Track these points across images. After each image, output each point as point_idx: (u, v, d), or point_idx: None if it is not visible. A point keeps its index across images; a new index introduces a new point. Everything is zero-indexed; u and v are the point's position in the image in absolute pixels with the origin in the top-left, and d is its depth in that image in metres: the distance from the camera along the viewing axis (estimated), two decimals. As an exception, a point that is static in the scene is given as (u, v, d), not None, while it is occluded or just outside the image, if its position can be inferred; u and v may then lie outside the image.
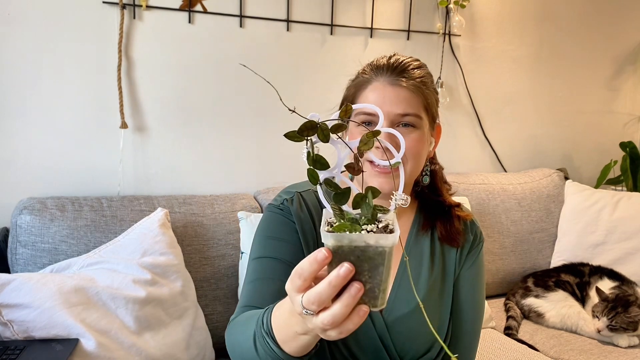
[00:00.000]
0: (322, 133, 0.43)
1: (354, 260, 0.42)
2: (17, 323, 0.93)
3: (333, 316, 0.42)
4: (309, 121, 0.43)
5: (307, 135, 0.43)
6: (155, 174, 1.38)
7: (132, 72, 1.31)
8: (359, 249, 0.41)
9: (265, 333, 0.53)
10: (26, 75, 1.22)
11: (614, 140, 2.05)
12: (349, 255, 0.42)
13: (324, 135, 0.43)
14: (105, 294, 1.00)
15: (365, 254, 0.41)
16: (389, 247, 0.41)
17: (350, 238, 0.41)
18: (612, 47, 2.05)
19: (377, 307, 0.44)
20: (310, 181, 0.45)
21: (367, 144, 0.44)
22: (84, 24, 1.25)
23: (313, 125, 0.43)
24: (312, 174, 0.45)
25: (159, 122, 1.36)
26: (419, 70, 0.73)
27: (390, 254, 0.42)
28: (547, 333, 1.43)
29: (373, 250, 0.41)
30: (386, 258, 0.42)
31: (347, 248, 0.41)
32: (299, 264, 0.43)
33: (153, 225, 1.14)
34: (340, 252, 0.42)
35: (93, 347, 0.94)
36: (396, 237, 0.42)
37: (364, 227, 0.43)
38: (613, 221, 1.63)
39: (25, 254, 1.12)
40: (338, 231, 0.42)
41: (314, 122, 0.43)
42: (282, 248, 0.71)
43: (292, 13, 1.47)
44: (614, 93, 2.09)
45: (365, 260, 0.42)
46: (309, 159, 0.44)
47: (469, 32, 1.74)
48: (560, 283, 1.51)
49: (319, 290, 0.41)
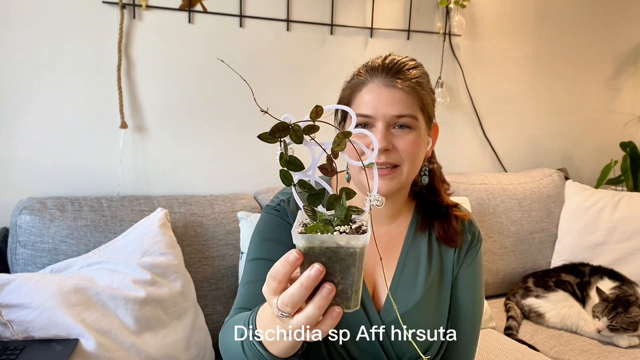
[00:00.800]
0: (294, 134, 0.43)
1: (325, 261, 0.42)
2: (16, 323, 0.93)
3: (307, 318, 0.42)
4: (281, 122, 0.43)
5: (279, 137, 0.43)
6: (155, 174, 1.38)
7: (132, 72, 1.31)
8: (330, 250, 0.41)
9: (252, 335, 0.54)
10: (26, 76, 1.22)
11: (614, 140, 2.05)
12: (321, 257, 0.42)
13: (296, 136, 0.43)
14: (105, 294, 1.00)
15: (336, 255, 0.41)
16: (359, 247, 0.41)
17: (321, 239, 0.41)
18: (613, 46, 2.05)
19: (350, 308, 0.43)
20: (282, 182, 0.45)
21: (339, 145, 0.44)
22: (83, 23, 1.25)
23: (285, 127, 0.43)
24: (285, 175, 0.45)
25: (158, 122, 1.36)
26: (415, 70, 0.73)
27: (362, 254, 0.42)
28: (547, 333, 1.43)
29: (344, 251, 0.41)
30: (357, 259, 0.41)
31: (319, 249, 0.41)
32: (273, 266, 0.43)
33: (153, 226, 1.14)
34: (311, 254, 0.42)
35: (93, 347, 0.94)
36: (367, 238, 0.41)
37: (337, 228, 0.43)
38: (613, 221, 1.62)
39: (25, 254, 1.12)
40: (309, 232, 0.42)
41: (285, 123, 0.43)
42: (277, 250, 0.71)
43: (292, 13, 1.47)
44: (615, 93, 2.09)
45: (336, 261, 0.42)
46: (282, 160, 0.44)
47: (469, 32, 1.74)
48: (561, 283, 1.51)
49: (291, 292, 0.42)
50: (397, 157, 0.70)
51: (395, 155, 0.70)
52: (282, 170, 0.45)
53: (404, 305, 0.73)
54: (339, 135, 0.45)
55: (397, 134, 0.70)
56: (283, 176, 0.45)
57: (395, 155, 0.70)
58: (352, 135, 0.45)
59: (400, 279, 0.75)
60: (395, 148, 0.69)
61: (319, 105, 0.44)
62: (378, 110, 0.69)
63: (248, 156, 1.47)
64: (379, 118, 0.69)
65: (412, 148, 0.70)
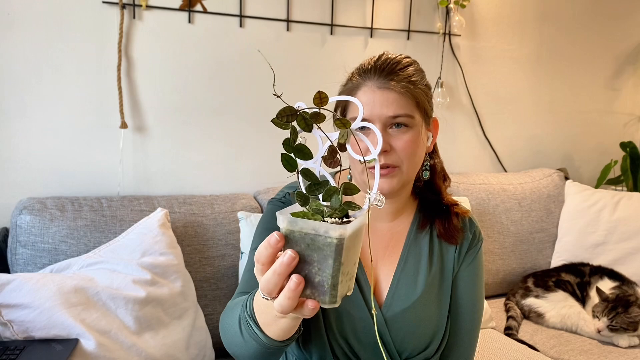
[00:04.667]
0: (303, 121, 0.42)
1: (304, 248, 0.41)
2: (16, 323, 0.93)
3: (280, 306, 0.42)
4: (288, 107, 0.42)
5: (286, 121, 0.42)
6: (155, 174, 1.38)
7: (132, 72, 1.31)
8: (309, 237, 0.41)
9: (249, 316, 0.54)
10: (26, 75, 1.22)
11: (614, 140, 2.05)
12: (300, 242, 0.41)
13: (305, 123, 0.42)
14: (105, 294, 1.00)
15: (314, 243, 0.41)
16: (336, 238, 0.40)
17: (301, 224, 0.41)
18: (613, 46, 2.05)
19: (326, 303, 0.42)
20: (284, 166, 0.44)
21: (343, 137, 0.44)
22: (83, 23, 1.25)
23: (292, 112, 0.42)
24: (288, 160, 0.43)
25: (158, 122, 1.36)
26: (408, 68, 0.72)
27: (341, 247, 0.40)
28: (547, 333, 1.43)
29: (322, 240, 0.40)
30: (335, 251, 0.40)
31: (298, 234, 0.41)
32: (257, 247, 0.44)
33: (153, 225, 1.14)
34: (292, 238, 0.41)
35: (93, 347, 0.94)
36: (346, 231, 0.40)
37: (326, 220, 0.42)
38: (613, 221, 1.62)
39: (25, 254, 1.12)
40: (294, 216, 0.41)
41: (292, 107, 0.42)
42: None
43: (292, 13, 1.47)
44: (615, 93, 2.09)
45: (314, 249, 0.41)
46: (287, 146, 0.43)
47: (469, 32, 1.74)
48: (561, 283, 1.51)
49: (266, 277, 0.42)
50: (396, 157, 0.70)
51: (394, 157, 0.70)
52: (285, 154, 0.43)
53: (405, 301, 0.74)
54: (338, 124, 0.44)
55: (394, 134, 0.70)
56: (285, 160, 0.43)
57: (393, 157, 0.70)
58: (357, 130, 0.44)
59: (402, 275, 0.76)
60: (393, 149, 0.70)
61: (322, 91, 0.43)
62: (373, 113, 0.69)
63: (248, 156, 1.47)
64: (375, 120, 0.70)
65: (410, 147, 0.70)
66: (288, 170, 0.44)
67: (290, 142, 0.43)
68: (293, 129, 0.43)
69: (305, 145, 0.44)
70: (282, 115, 0.41)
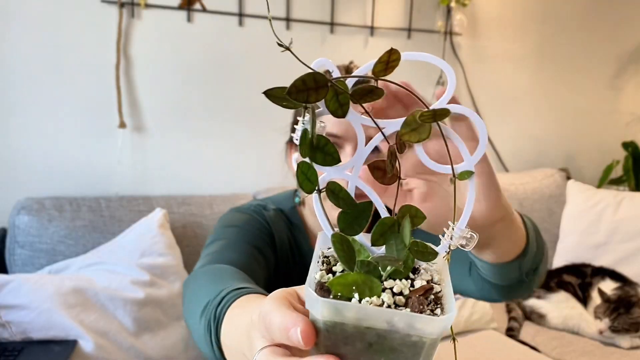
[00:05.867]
0: (335, 99, 0.24)
1: (361, 348, 0.23)
2: (15, 324, 0.93)
3: None
4: (314, 74, 0.24)
5: (305, 101, 0.24)
6: (153, 174, 1.37)
7: (131, 71, 1.31)
8: (374, 333, 0.23)
9: (214, 334, 0.44)
10: (24, 75, 1.21)
11: (616, 140, 2.04)
12: (355, 340, 0.23)
13: (338, 103, 0.24)
14: (103, 295, 1.00)
15: (385, 342, 0.23)
16: (431, 337, 0.23)
17: (360, 312, 0.22)
18: (615, 46, 2.03)
19: None
20: (301, 186, 0.26)
21: (417, 131, 0.25)
22: (82, 22, 1.24)
23: (321, 83, 0.24)
24: (306, 173, 0.25)
25: (157, 122, 1.35)
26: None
27: (434, 347, 0.24)
28: (549, 334, 1.42)
29: (400, 339, 0.23)
30: (423, 354, 0.23)
31: (353, 329, 0.23)
32: (271, 311, 0.26)
33: (152, 226, 1.13)
34: (338, 333, 0.23)
35: (91, 349, 0.94)
36: (450, 320, 0.23)
37: (386, 285, 0.25)
38: (615, 221, 1.62)
39: (23, 255, 1.11)
40: (337, 295, 0.23)
41: (322, 76, 0.24)
42: (249, 236, 0.63)
43: (291, 11, 1.46)
44: (617, 92, 2.08)
45: (382, 352, 0.23)
46: (304, 145, 0.25)
47: (470, 31, 1.73)
48: (562, 284, 1.50)
49: None
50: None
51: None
52: (304, 165, 0.25)
53: None
54: (419, 115, 0.25)
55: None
56: (303, 175, 0.25)
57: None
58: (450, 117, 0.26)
59: None
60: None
61: (394, 49, 0.25)
62: (349, 131, 0.57)
63: (247, 156, 1.46)
64: (350, 139, 0.58)
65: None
66: (305, 190, 0.26)
67: (306, 136, 0.25)
68: (313, 113, 0.25)
69: (327, 139, 0.26)
70: (300, 90, 0.24)
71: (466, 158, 0.28)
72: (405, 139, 0.26)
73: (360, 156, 0.28)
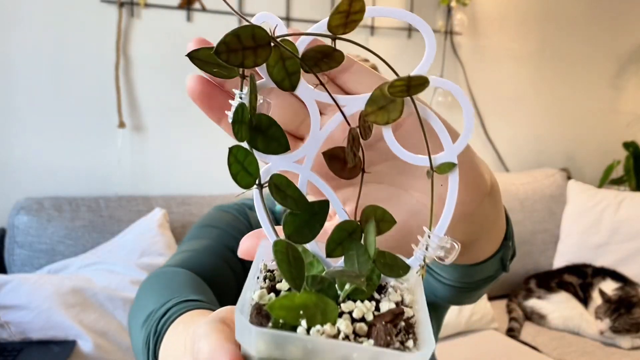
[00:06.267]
0: (281, 64, 0.19)
1: None
2: (14, 324, 0.93)
3: None
4: (253, 28, 0.18)
5: (240, 64, 0.18)
6: (153, 174, 1.37)
7: (130, 71, 1.30)
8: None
9: (152, 350, 0.40)
10: (23, 74, 1.21)
11: (617, 140, 2.04)
12: None
13: (285, 71, 0.19)
14: (102, 295, 1.00)
15: None
16: None
17: (308, 346, 0.17)
18: (616, 45, 2.03)
19: None
20: (235, 179, 0.21)
21: (385, 109, 0.20)
22: (82, 22, 1.24)
23: (262, 41, 0.18)
24: (243, 162, 0.20)
25: (157, 122, 1.35)
26: None
27: None
28: (549, 334, 1.42)
29: None
30: None
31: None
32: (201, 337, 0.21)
33: (151, 226, 1.13)
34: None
35: (90, 349, 0.94)
36: (426, 356, 0.18)
37: (343, 308, 0.19)
38: (616, 222, 1.61)
39: (23, 255, 1.11)
40: (277, 324, 0.18)
41: (264, 32, 0.19)
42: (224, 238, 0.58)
43: (291, 10, 1.46)
44: (617, 92, 2.08)
45: None
46: (239, 123, 0.20)
47: (471, 30, 1.73)
48: (563, 284, 1.50)
49: None
50: None
51: None
52: (236, 149, 0.20)
53: None
54: (389, 87, 0.19)
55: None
56: (237, 164, 0.20)
57: None
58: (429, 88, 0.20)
59: None
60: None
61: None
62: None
63: (248, 156, 1.46)
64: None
65: None
66: (241, 185, 0.21)
67: (244, 113, 0.19)
68: (252, 81, 0.19)
69: (270, 117, 0.20)
70: (233, 49, 0.18)
71: (447, 146, 0.21)
72: (371, 120, 0.20)
73: (314, 142, 0.22)
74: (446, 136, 0.22)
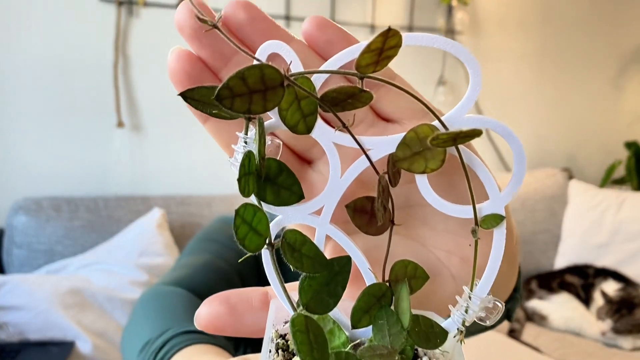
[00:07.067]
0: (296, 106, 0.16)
1: None
2: (12, 325, 0.92)
3: None
4: (263, 68, 0.15)
5: (247, 110, 0.15)
6: (152, 174, 1.36)
7: (129, 70, 1.30)
8: None
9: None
10: (21, 74, 1.21)
11: (619, 140, 2.03)
12: None
13: (301, 113, 0.16)
14: (101, 295, 0.99)
15: None
16: None
17: None
18: (617, 45, 2.02)
19: None
20: (243, 244, 0.17)
21: (422, 157, 0.17)
22: (80, 21, 1.24)
23: (274, 82, 0.15)
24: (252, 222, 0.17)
25: (156, 121, 1.35)
26: None
27: None
28: (550, 335, 1.41)
29: None
30: None
31: None
32: None
33: (150, 226, 1.13)
34: None
35: (89, 350, 0.94)
36: None
37: None
38: (618, 222, 1.60)
39: (21, 255, 1.11)
40: None
41: (276, 71, 0.15)
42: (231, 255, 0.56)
43: (291, 9, 1.45)
44: (619, 92, 2.07)
45: None
46: (246, 171, 0.17)
47: (471, 29, 1.72)
48: (565, 285, 1.49)
49: None
50: None
51: None
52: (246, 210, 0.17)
53: None
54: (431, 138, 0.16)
55: None
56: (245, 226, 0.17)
57: None
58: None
59: None
60: None
61: (393, 29, 0.16)
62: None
63: (247, 155, 1.46)
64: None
65: None
66: (251, 248, 0.17)
67: (250, 164, 0.17)
68: (260, 125, 0.17)
69: (282, 163, 0.18)
70: (239, 94, 0.15)
71: (492, 195, 0.18)
72: (404, 168, 0.17)
73: (334, 192, 0.18)
74: (493, 184, 0.19)
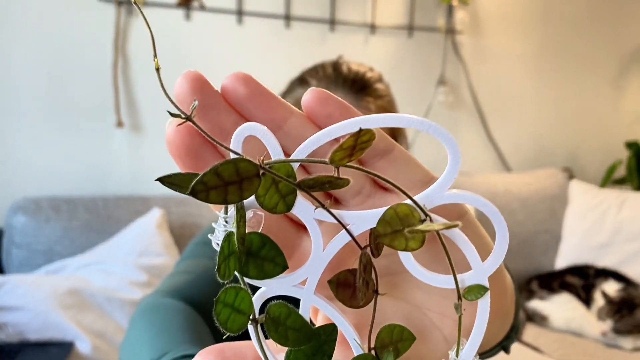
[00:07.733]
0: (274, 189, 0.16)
1: None
2: (11, 325, 0.92)
3: None
4: (236, 162, 0.15)
5: (223, 201, 0.15)
6: (151, 174, 1.36)
7: (128, 70, 1.30)
8: None
9: None
10: (20, 74, 1.21)
11: (620, 140, 2.02)
12: None
13: (279, 195, 0.16)
14: (100, 295, 0.99)
15: None
16: None
17: None
18: (618, 44, 2.02)
19: None
20: (224, 326, 0.16)
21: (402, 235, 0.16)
22: (79, 21, 1.23)
23: (249, 173, 0.15)
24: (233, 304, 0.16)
25: (155, 121, 1.34)
26: (381, 84, 0.56)
27: None
28: (551, 336, 1.41)
29: None
30: None
31: None
32: None
33: (149, 226, 1.13)
34: None
35: (88, 350, 0.93)
36: None
37: None
38: (618, 222, 1.60)
39: (20, 255, 1.10)
40: None
41: (251, 164, 0.15)
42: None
43: (291, 8, 1.45)
44: (620, 91, 2.07)
45: None
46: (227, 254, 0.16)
47: (472, 29, 1.72)
48: (565, 285, 1.49)
49: None
50: None
51: None
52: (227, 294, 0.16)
53: None
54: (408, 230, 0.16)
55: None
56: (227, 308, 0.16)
57: None
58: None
59: None
60: None
61: (364, 129, 0.15)
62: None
63: (247, 155, 1.46)
64: None
65: None
66: (233, 328, 0.16)
67: (230, 246, 0.16)
68: (240, 207, 0.17)
69: (265, 236, 0.17)
70: (213, 187, 0.15)
71: (475, 266, 0.18)
72: (385, 243, 0.16)
73: (317, 264, 0.18)
74: (475, 256, 0.19)
